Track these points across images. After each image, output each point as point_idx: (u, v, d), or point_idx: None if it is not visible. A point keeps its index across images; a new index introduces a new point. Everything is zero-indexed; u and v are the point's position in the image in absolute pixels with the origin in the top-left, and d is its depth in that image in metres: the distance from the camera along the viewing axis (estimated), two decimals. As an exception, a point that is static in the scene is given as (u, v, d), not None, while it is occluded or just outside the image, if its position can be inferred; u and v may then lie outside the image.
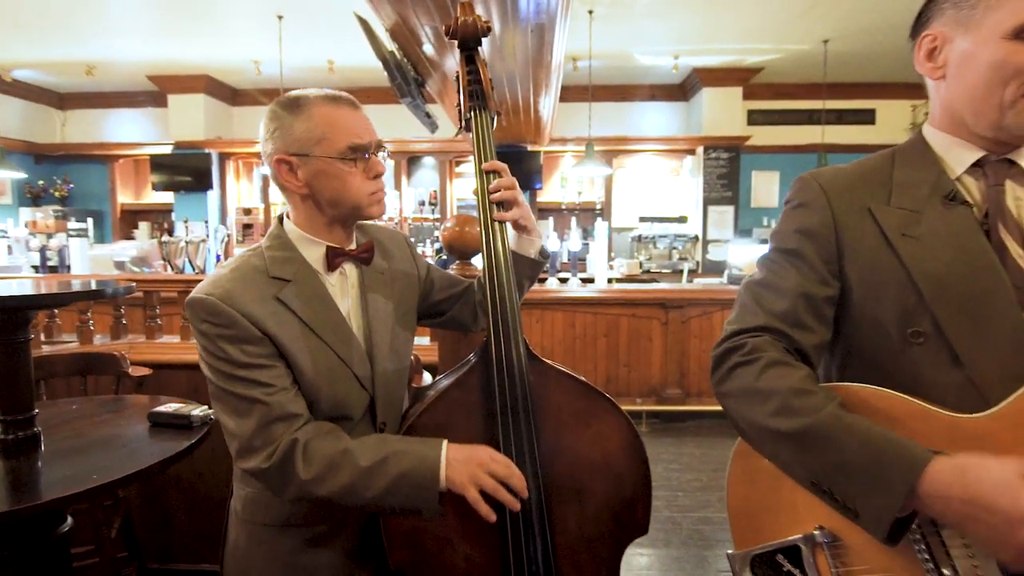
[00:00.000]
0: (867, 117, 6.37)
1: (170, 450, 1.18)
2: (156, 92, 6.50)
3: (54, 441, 1.24)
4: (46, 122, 6.84)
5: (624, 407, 1.03)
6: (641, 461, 1.02)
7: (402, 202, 6.58)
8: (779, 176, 6.39)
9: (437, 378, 1.12)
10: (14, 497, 1.02)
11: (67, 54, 5.45)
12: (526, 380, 0.96)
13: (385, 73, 3.15)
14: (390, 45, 3.06)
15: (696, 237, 6.04)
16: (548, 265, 5.98)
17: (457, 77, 1.14)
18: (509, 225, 1.05)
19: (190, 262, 5.18)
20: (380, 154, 0.97)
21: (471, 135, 1.08)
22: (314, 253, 0.96)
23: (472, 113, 1.07)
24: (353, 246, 1.03)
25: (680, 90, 6.42)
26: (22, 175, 5.75)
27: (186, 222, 5.91)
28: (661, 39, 5.11)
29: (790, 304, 0.80)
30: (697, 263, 6.01)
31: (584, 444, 1.00)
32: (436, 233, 6.64)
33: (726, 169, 5.93)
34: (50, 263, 5.32)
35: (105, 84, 6.43)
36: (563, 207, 6.49)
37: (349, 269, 1.00)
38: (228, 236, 5.85)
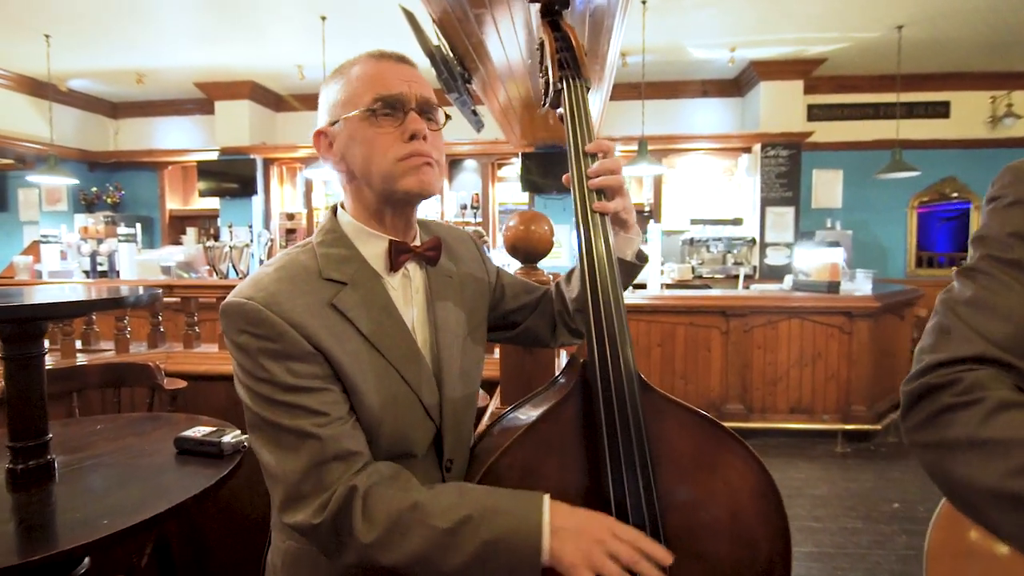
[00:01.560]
0: (941, 110, 5.89)
1: (196, 485, 1.01)
2: (203, 99, 6.57)
3: (71, 470, 1.09)
4: (100, 131, 7.02)
5: None
6: (779, 517, 0.80)
7: (444, 206, 6.46)
8: (843, 174, 5.97)
9: (516, 405, 0.91)
10: (21, 543, 0.87)
11: (118, 63, 5.55)
12: (640, 416, 0.75)
13: (432, 72, 3.00)
14: (435, 40, 2.91)
15: (753, 240, 5.68)
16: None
17: (541, 46, 0.95)
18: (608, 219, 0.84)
19: (234, 267, 5.16)
20: (427, 115, 0.78)
21: (561, 110, 0.88)
22: (373, 249, 0.79)
23: (563, 83, 0.87)
24: (417, 242, 0.85)
25: (734, 85, 6.08)
26: (74, 181, 5.88)
27: (230, 227, 5.93)
28: (717, 31, 4.81)
29: (1015, 327, 0.58)
30: (754, 268, 5.65)
31: (710, 498, 0.78)
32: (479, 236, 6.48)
33: (786, 168, 5.56)
34: (100, 268, 5.39)
35: (155, 92, 6.54)
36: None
37: (413, 270, 0.83)
38: (271, 241, 5.84)
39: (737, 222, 5.84)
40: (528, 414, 0.83)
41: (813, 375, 3.76)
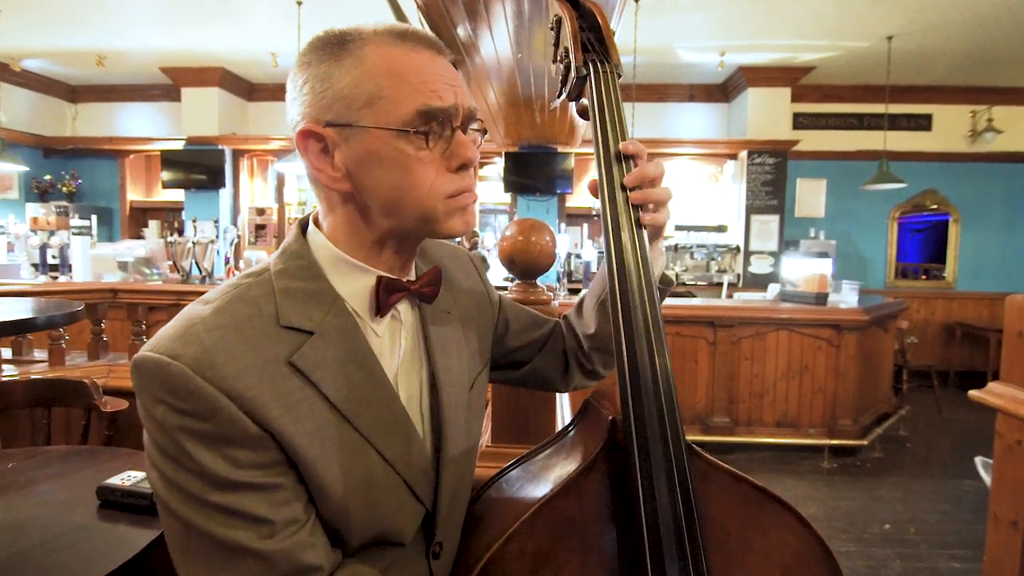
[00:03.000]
0: (924, 123, 5.92)
1: (119, 553, 0.81)
2: (169, 85, 6.23)
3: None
4: (57, 115, 6.60)
5: None
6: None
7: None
8: (826, 184, 5.95)
9: (520, 461, 0.74)
10: None
11: (77, 43, 5.19)
12: (691, 495, 0.59)
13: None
14: (419, 28, 2.72)
15: (737, 248, 5.62)
16: (576, 282, 5.61)
17: (556, 25, 0.77)
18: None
19: (197, 264, 4.86)
20: (472, 129, 0.60)
21: (585, 101, 0.71)
22: (354, 285, 0.59)
23: (589, 68, 0.69)
24: (412, 276, 0.66)
25: (721, 91, 6.01)
26: (24, 168, 5.48)
27: (194, 221, 5.62)
28: (708, 34, 4.72)
29: None
30: (738, 276, 5.59)
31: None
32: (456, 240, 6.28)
33: (772, 175, 5.51)
34: (51, 262, 5.04)
35: (117, 76, 6.17)
36: (595, 213, 6.10)
37: (404, 310, 0.64)
38: (238, 237, 5.55)
39: (721, 229, 5.77)
40: (539, 482, 0.66)
41: (800, 388, 3.68)
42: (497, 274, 4.54)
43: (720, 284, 5.42)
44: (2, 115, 5.67)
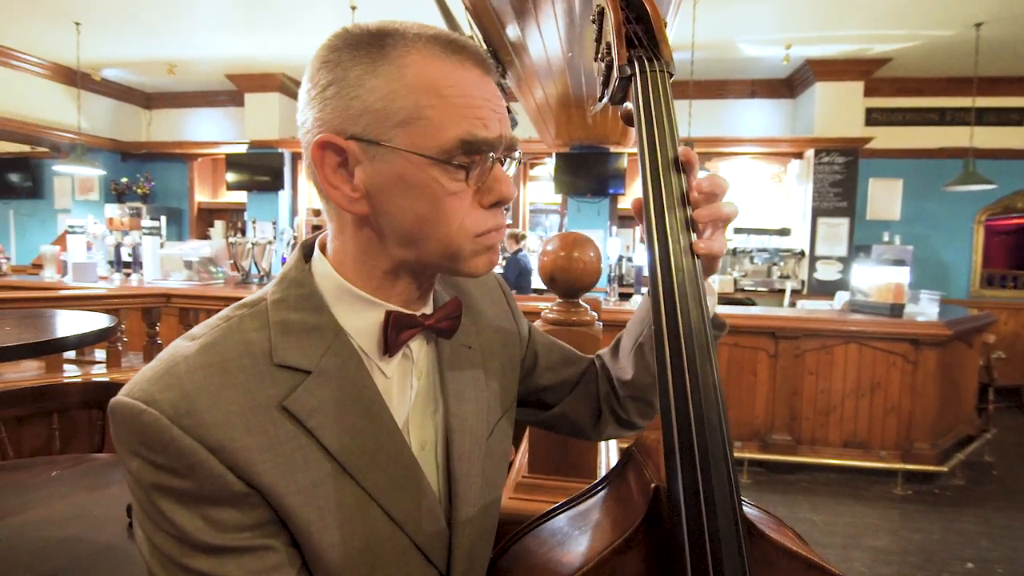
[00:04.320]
0: (1014, 118, 5.40)
1: (138, 582, 0.79)
2: (234, 91, 6.49)
3: (4, 539, 0.88)
4: (133, 121, 7.01)
5: None
6: None
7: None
8: (902, 184, 5.53)
9: (548, 515, 0.66)
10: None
11: (150, 52, 5.48)
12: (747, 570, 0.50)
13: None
14: (468, 30, 2.68)
15: (802, 253, 5.30)
16: (627, 286, 5.42)
17: (599, 17, 0.68)
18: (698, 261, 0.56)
19: (256, 264, 5.03)
20: (509, 162, 0.54)
21: (630, 105, 0.61)
22: (360, 320, 0.53)
23: (635, 66, 0.59)
24: (429, 308, 0.59)
25: (786, 86, 5.69)
26: (101, 172, 5.84)
27: (253, 222, 5.82)
28: (772, 26, 4.46)
29: None
30: (802, 282, 5.28)
31: None
32: (506, 242, 6.25)
33: (841, 175, 5.16)
34: (125, 260, 5.33)
35: (187, 84, 6.49)
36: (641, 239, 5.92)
37: (417, 347, 0.57)
38: (295, 238, 5.70)
39: (784, 232, 5.46)
40: (570, 548, 0.57)
41: (871, 407, 3.41)
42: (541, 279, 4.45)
43: (782, 291, 5.13)
44: (84, 122, 6.06)
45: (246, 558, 0.44)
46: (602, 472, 1.11)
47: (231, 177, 6.39)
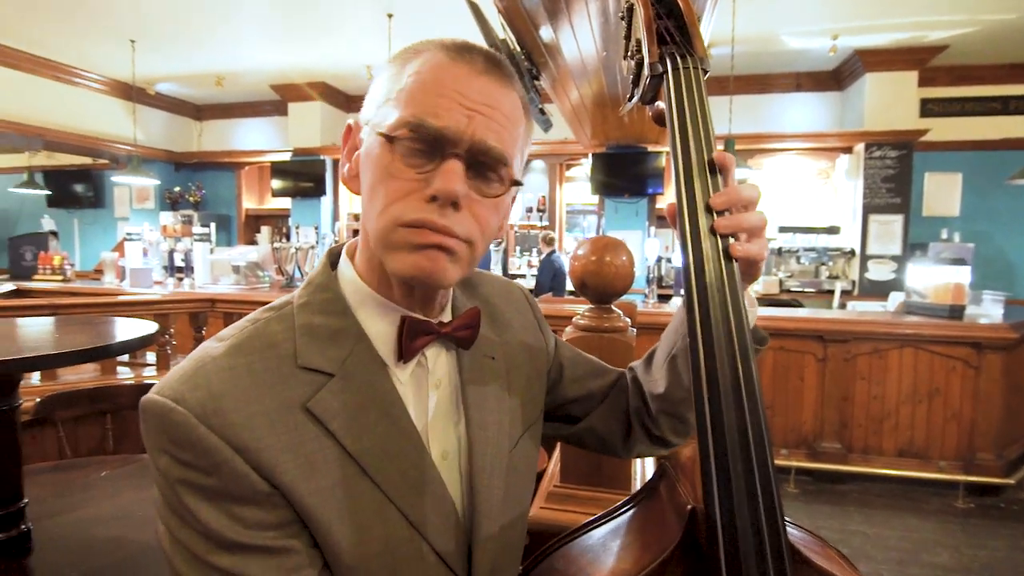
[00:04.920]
0: (1089, 104, 5.02)
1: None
2: (278, 101, 6.70)
3: (52, 540, 0.93)
4: (185, 132, 7.33)
5: None
6: None
7: (509, 208, 6.25)
8: (961, 178, 5.22)
9: (579, 532, 0.64)
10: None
11: (199, 66, 5.72)
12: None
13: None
14: (502, 33, 2.67)
15: (852, 252, 5.08)
16: (666, 287, 5.28)
17: (627, 13, 0.65)
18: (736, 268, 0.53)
19: (299, 268, 5.18)
20: (480, 173, 0.50)
21: (662, 104, 0.58)
22: (380, 325, 0.54)
23: (666, 63, 0.57)
24: (446, 316, 0.58)
25: (833, 78, 5.47)
26: (155, 182, 6.12)
27: (297, 228, 5.99)
28: (818, 16, 4.29)
29: None
30: (852, 283, 5.05)
31: None
32: (539, 240, 6.22)
33: (894, 170, 4.92)
34: (178, 265, 5.58)
35: (234, 95, 6.74)
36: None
37: (434, 356, 0.57)
38: (336, 243, 5.84)
39: (833, 231, 5.24)
40: (603, 570, 0.55)
41: (929, 414, 3.23)
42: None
43: (831, 292, 4.92)
44: (140, 134, 6.37)
45: (268, 557, 0.45)
46: (636, 483, 1.08)
47: (276, 184, 6.59)
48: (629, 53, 0.64)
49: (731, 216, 0.52)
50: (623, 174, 5.40)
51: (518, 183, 0.54)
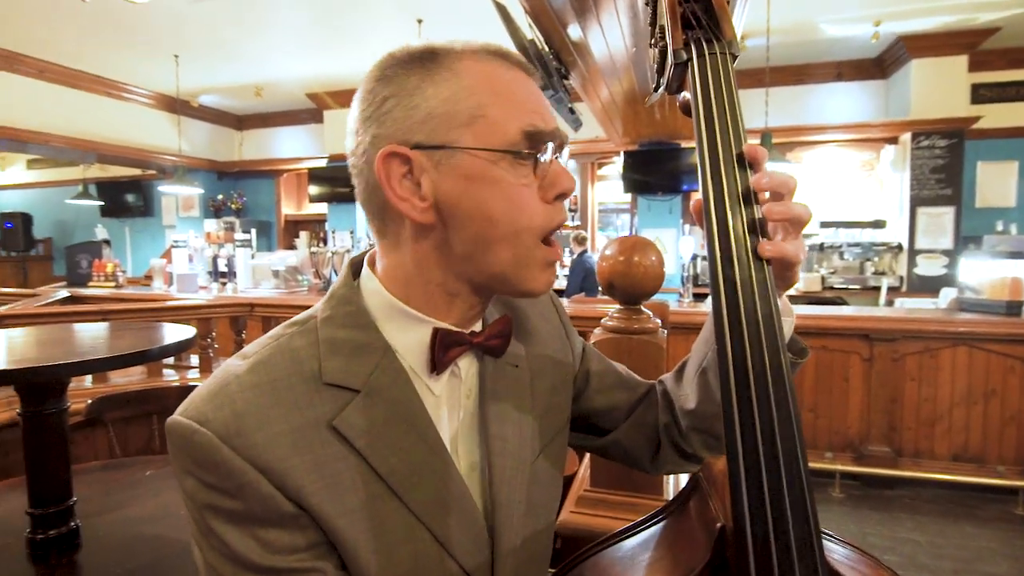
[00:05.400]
0: None
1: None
2: (314, 109, 6.87)
3: (99, 537, 0.97)
4: (227, 142, 7.59)
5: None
6: None
7: (540, 209, 6.23)
8: (1018, 167, 4.94)
9: (607, 543, 0.62)
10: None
11: (239, 78, 5.91)
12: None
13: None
14: (530, 33, 2.67)
15: (899, 246, 4.87)
16: (702, 286, 5.16)
17: (650, 0, 0.63)
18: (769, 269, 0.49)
19: (335, 272, 5.29)
20: (562, 155, 0.53)
21: (688, 94, 0.55)
22: (408, 337, 0.52)
23: (691, 50, 0.53)
24: (478, 326, 0.57)
25: (876, 66, 5.26)
26: (199, 191, 6.35)
27: (333, 233, 6.11)
28: (858, 3, 4.13)
29: None
30: (900, 279, 4.84)
31: None
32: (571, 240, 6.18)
33: (944, 160, 4.69)
34: (221, 270, 5.78)
35: (272, 105, 6.94)
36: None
37: (466, 365, 0.56)
38: (371, 246, 5.94)
39: (878, 225, 5.03)
40: None
41: (985, 416, 3.06)
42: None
43: (877, 288, 4.73)
44: (185, 145, 6.63)
45: None
46: (669, 489, 1.06)
47: (313, 190, 6.75)
48: (654, 41, 0.61)
49: (780, 203, 0.48)
50: (656, 171, 5.32)
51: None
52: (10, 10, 4.19)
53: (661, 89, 0.60)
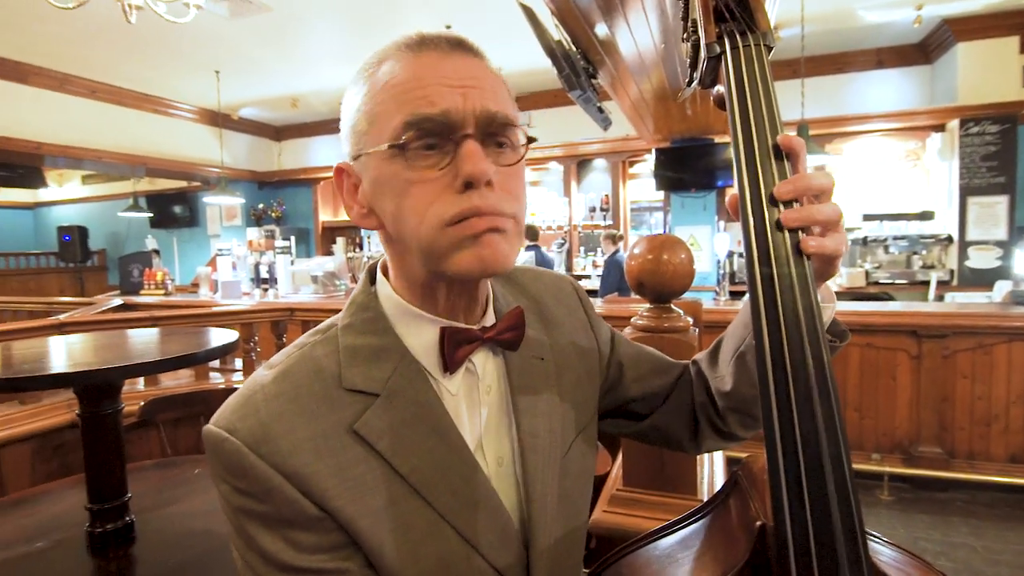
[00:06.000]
0: None
1: None
2: (348, 117, 7.02)
3: (154, 531, 1.02)
4: (266, 153, 7.84)
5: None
6: None
7: (572, 209, 6.22)
8: (1078, 151, 4.66)
9: (644, 541, 0.61)
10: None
11: (277, 90, 6.10)
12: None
13: (554, 70, 2.77)
14: (556, 34, 2.67)
15: (948, 238, 4.66)
16: (739, 284, 5.04)
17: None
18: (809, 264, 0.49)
19: (371, 276, 5.40)
20: (495, 140, 0.49)
21: (721, 88, 0.55)
22: (421, 338, 0.53)
23: (725, 43, 0.53)
24: (489, 319, 0.58)
25: (919, 51, 5.05)
26: (240, 200, 6.58)
27: (369, 238, 6.23)
28: (899, -14, 3.98)
29: None
30: (950, 272, 4.63)
31: None
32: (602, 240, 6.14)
33: (996, 147, 4.46)
34: (263, 277, 5.97)
35: (308, 115, 7.14)
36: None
37: (482, 362, 0.56)
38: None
39: (926, 216, 4.83)
40: None
41: (1046, 415, 2.90)
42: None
43: (926, 283, 4.53)
44: (227, 156, 6.88)
45: None
46: (702, 488, 1.05)
47: (348, 197, 6.90)
48: (686, 35, 0.60)
49: (801, 207, 0.48)
50: (689, 168, 5.23)
51: (532, 139, 0.52)
52: (61, 35, 4.44)
53: (694, 84, 0.60)
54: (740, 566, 0.48)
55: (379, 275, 0.56)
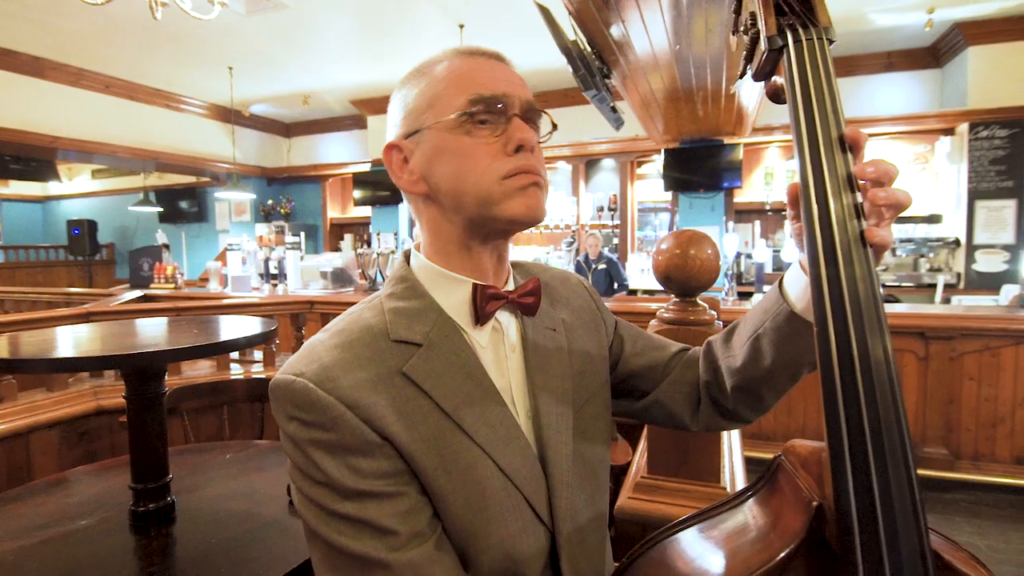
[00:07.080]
0: None
1: (294, 557, 0.90)
2: (358, 116, 7.07)
3: (191, 512, 1.06)
4: (276, 149, 7.89)
5: None
6: None
7: (580, 208, 6.25)
8: (1088, 156, 4.67)
9: (682, 524, 0.61)
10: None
11: (288, 87, 6.14)
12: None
13: (569, 70, 2.80)
14: (572, 34, 2.70)
15: (956, 241, 4.67)
16: (746, 284, 5.06)
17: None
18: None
19: (381, 272, 5.43)
20: (532, 124, 0.62)
21: (780, 79, 0.57)
22: (454, 297, 0.62)
23: (787, 36, 0.54)
24: (511, 285, 0.68)
25: (930, 54, 5.06)
26: (251, 196, 6.62)
27: (378, 235, 6.27)
28: (911, -10, 4.00)
29: None
30: (957, 276, 4.65)
31: None
32: (614, 241, 6.17)
33: (1005, 151, 4.48)
34: (272, 272, 6.01)
35: (318, 112, 7.18)
36: (767, 208, 5.53)
37: (507, 322, 0.65)
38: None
39: (934, 219, 4.84)
40: (713, 566, 0.52)
41: (1052, 418, 2.92)
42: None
43: (932, 286, 4.55)
44: (237, 153, 6.92)
45: (384, 502, 0.52)
46: (726, 475, 1.08)
47: (357, 194, 6.95)
48: (742, 27, 0.61)
49: (886, 189, 0.50)
50: (698, 169, 5.26)
51: (555, 126, 0.65)
52: (80, 30, 4.48)
53: (748, 75, 0.62)
54: (797, 543, 0.48)
55: (414, 252, 0.65)
